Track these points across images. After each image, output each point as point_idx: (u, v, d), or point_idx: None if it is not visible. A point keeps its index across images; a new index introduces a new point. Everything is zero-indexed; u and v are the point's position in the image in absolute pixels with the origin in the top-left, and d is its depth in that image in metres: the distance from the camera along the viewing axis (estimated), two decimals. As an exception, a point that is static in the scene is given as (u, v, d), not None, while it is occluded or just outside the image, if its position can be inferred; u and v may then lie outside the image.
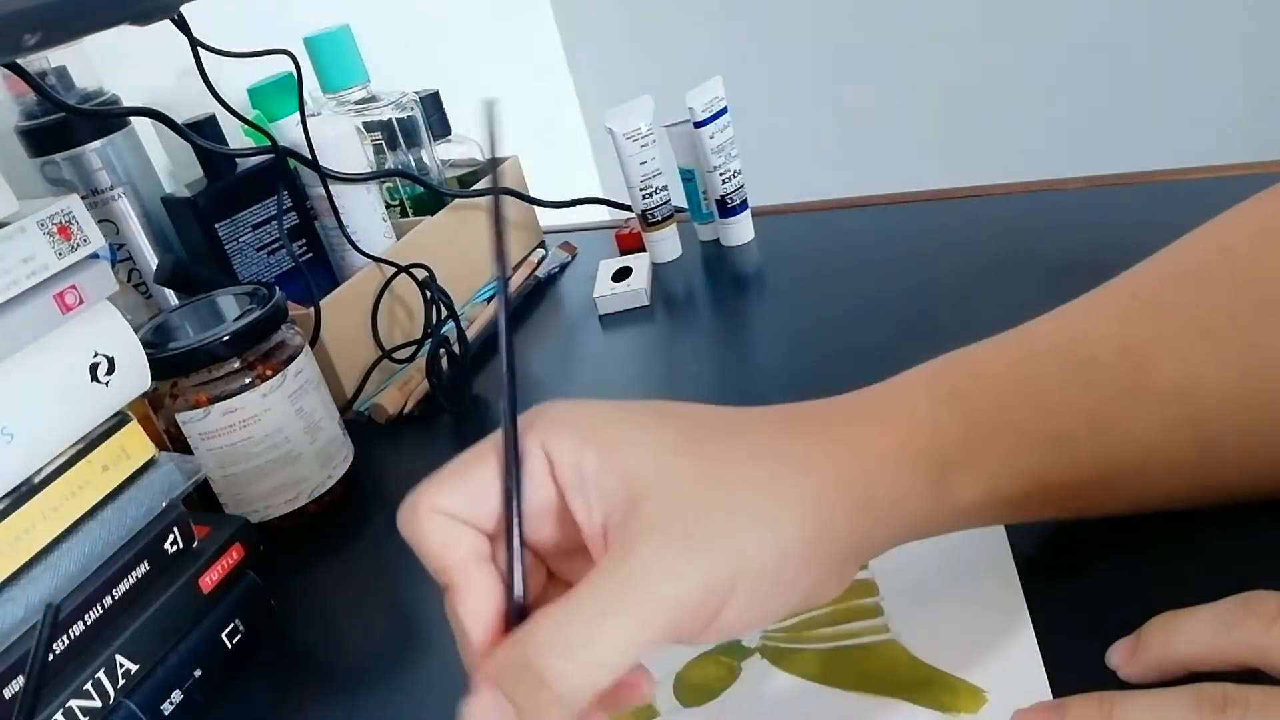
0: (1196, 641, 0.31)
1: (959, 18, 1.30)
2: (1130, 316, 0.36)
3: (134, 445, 0.47)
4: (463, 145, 0.86)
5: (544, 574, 0.33)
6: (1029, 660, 0.36)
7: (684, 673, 0.40)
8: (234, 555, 0.49)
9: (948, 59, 1.34)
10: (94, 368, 0.45)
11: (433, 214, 0.79)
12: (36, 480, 0.43)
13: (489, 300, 0.77)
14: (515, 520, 0.31)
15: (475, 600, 0.30)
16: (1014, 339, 0.37)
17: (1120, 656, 0.33)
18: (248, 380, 0.54)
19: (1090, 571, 0.38)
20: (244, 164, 0.69)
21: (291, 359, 0.56)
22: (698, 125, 0.74)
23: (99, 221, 0.66)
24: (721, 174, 0.75)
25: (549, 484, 0.31)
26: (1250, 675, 0.30)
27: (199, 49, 0.61)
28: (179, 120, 0.66)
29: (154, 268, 0.67)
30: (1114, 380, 0.35)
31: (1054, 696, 0.34)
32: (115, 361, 0.46)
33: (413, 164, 0.81)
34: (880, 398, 0.36)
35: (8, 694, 0.39)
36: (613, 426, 0.32)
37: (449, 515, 0.31)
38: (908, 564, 0.40)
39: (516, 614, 0.30)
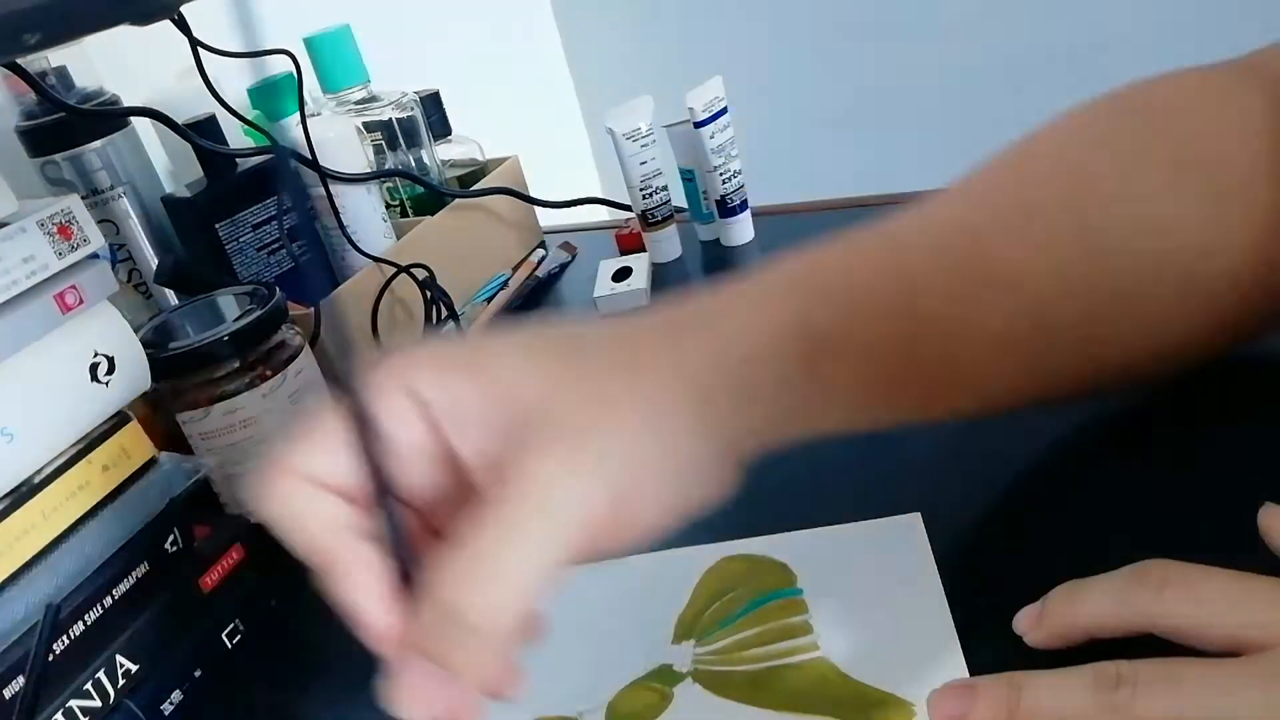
0: (1095, 610, 0.33)
1: (960, 18, 1.30)
2: (970, 201, 0.39)
3: (134, 445, 0.47)
4: (463, 145, 0.86)
5: (431, 535, 0.32)
6: (956, 672, 0.36)
7: (615, 701, 0.39)
8: (234, 555, 0.49)
9: (949, 59, 1.34)
10: (94, 368, 0.45)
11: (433, 214, 0.78)
12: (36, 480, 0.43)
13: (489, 300, 0.77)
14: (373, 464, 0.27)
15: (364, 575, 0.28)
16: (875, 231, 0.38)
17: (1026, 623, 0.35)
18: (248, 380, 0.54)
19: (1011, 571, 0.40)
20: (244, 164, 0.69)
21: (292, 359, 0.56)
22: (698, 125, 0.74)
23: (99, 221, 0.66)
24: (721, 174, 0.75)
25: (420, 427, 0.30)
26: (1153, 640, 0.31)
27: (199, 49, 0.61)
28: (179, 120, 0.66)
29: (154, 268, 0.67)
30: (966, 261, 0.37)
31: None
32: (115, 361, 0.46)
33: (413, 164, 0.81)
34: (749, 295, 0.36)
35: (8, 694, 0.39)
36: (486, 357, 0.31)
37: (315, 482, 0.29)
38: (835, 580, 0.42)
39: (403, 578, 0.28)
